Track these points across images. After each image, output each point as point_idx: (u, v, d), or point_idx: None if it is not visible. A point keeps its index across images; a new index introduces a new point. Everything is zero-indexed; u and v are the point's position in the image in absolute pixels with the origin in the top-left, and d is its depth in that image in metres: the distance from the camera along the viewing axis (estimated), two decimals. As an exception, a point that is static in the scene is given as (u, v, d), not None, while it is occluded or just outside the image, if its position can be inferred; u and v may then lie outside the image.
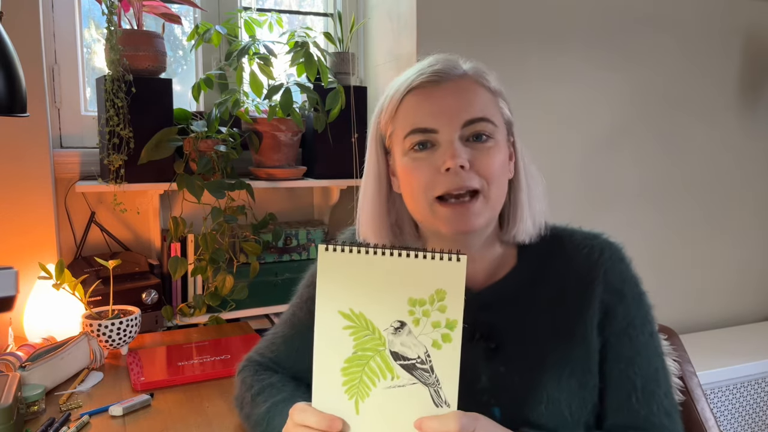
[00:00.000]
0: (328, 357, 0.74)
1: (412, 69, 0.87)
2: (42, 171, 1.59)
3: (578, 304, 0.88)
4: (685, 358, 1.15)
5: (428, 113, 0.83)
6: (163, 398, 1.23)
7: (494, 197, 0.84)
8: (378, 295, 0.73)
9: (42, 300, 1.52)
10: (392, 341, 0.73)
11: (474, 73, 0.87)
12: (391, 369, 0.73)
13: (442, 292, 0.72)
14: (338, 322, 0.74)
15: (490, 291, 0.91)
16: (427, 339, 0.72)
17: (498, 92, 0.88)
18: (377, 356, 0.73)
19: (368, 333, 0.73)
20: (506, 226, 0.91)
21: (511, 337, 0.88)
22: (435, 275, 0.72)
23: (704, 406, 1.11)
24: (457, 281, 0.71)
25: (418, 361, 0.72)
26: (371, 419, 0.73)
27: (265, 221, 1.83)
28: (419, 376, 0.72)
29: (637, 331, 0.88)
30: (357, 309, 0.73)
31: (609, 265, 0.89)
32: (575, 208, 2.09)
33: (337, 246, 0.74)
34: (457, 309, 0.72)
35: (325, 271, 0.74)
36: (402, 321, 0.73)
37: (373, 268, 0.73)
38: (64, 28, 1.71)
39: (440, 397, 0.72)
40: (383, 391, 0.73)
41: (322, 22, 2.11)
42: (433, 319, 0.72)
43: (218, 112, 1.69)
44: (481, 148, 0.83)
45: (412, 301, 0.72)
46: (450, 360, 0.72)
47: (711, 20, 2.25)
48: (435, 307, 0.72)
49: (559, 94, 2.05)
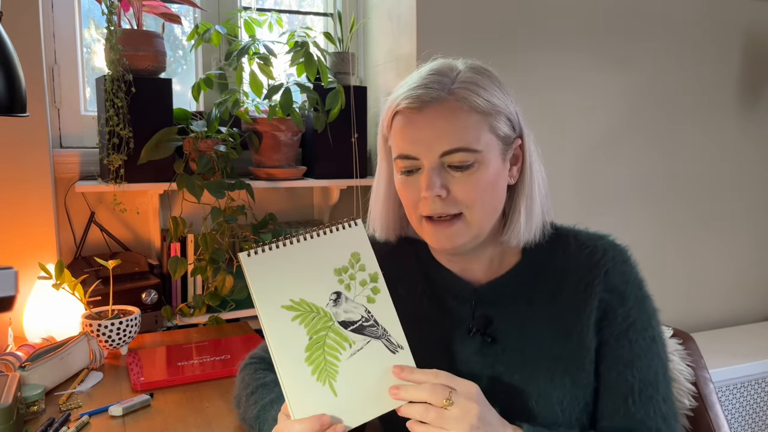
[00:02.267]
0: (288, 353, 0.77)
1: (407, 81, 0.87)
2: (42, 171, 1.59)
3: (576, 303, 0.88)
4: (701, 364, 1.12)
5: (410, 141, 0.84)
6: (163, 398, 1.23)
7: (477, 219, 0.85)
8: (308, 278, 0.79)
9: (42, 300, 1.52)
10: (336, 312, 0.79)
11: (459, 95, 0.82)
12: (345, 338, 0.79)
13: (357, 254, 0.82)
14: (285, 316, 0.77)
15: (489, 287, 0.92)
16: (362, 298, 0.81)
17: (487, 110, 0.83)
18: (330, 332, 0.79)
19: (315, 314, 0.78)
20: (504, 228, 0.91)
21: (508, 333, 0.89)
22: (345, 243, 0.82)
23: (718, 412, 1.08)
24: (363, 240, 0.83)
25: (363, 320, 0.80)
26: (349, 393, 0.78)
27: (265, 221, 1.83)
28: (369, 333, 0.80)
29: (637, 334, 0.88)
30: (296, 297, 0.78)
31: (611, 266, 0.89)
32: (572, 211, 2.10)
33: (257, 249, 0.78)
34: (372, 262, 0.82)
35: (255, 275, 0.77)
36: (337, 291, 0.80)
37: (293, 256, 0.79)
38: (64, 28, 1.71)
39: (392, 344, 0.80)
40: (347, 361, 0.78)
41: (322, 22, 2.11)
42: (359, 279, 0.81)
43: (218, 112, 1.69)
44: (461, 176, 0.83)
45: (336, 271, 0.81)
46: (386, 307, 0.81)
47: (710, 21, 2.25)
48: (356, 269, 0.82)
49: (557, 95, 2.05)
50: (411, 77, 0.88)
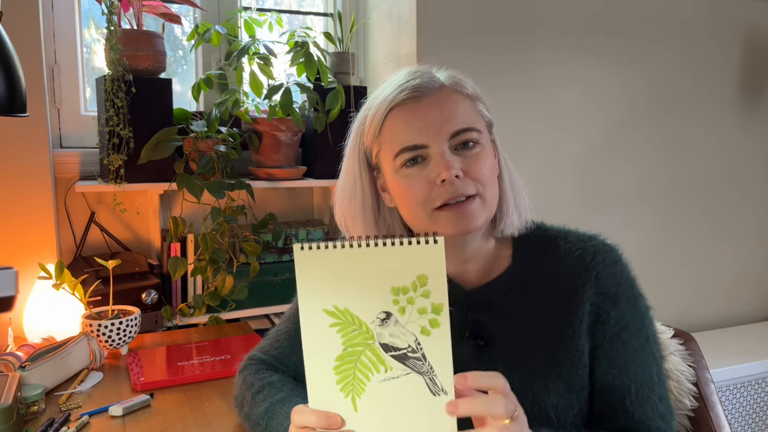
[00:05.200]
0: (318, 358, 0.73)
1: (390, 85, 0.88)
2: (42, 171, 1.59)
3: (568, 307, 0.88)
4: (702, 364, 1.11)
5: (415, 129, 0.84)
6: (163, 398, 1.23)
7: (490, 198, 0.86)
8: (360, 289, 0.72)
9: (42, 300, 1.52)
10: (380, 333, 0.72)
11: (451, 82, 0.88)
12: (383, 361, 0.72)
13: (424, 277, 0.71)
14: (324, 320, 0.72)
15: (481, 291, 0.92)
16: (415, 326, 0.71)
17: (475, 97, 0.89)
18: (368, 350, 0.72)
19: (355, 328, 0.72)
20: (496, 221, 0.92)
21: (501, 337, 0.89)
22: (414, 261, 0.71)
23: (719, 413, 1.07)
24: (437, 264, 0.70)
25: (408, 350, 0.71)
26: (370, 415, 0.73)
27: (265, 221, 1.83)
28: (412, 365, 0.71)
29: (631, 335, 0.87)
30: (341, 305, 0.72)
31: (602, 268, 0.89)
32: (573, 209, 2.09)
33: (312, 244, 0.72)
34: (441, 292, 0.71)
35: (304, 271, 0.72)
36: (387, 311, 0.72)
37: (351, 261, 0.72)
38: (64, 28, 1.71)
39: (436, 385, 0.71)
40: (378, 384, 0.72)
41: (322, 22, 2.11)
42: (418, 305, 0.71)
43: (218, 112, 1.69)
44: (470, 155, 0.85)
45: (395, 290, 0.71)
46: (441, 345, 0.71)
47: (710, 21, 2.25)
48: (419, 293, 0.71)
49: (557, 95, 2.05)
50: (389, 82, 0.89)
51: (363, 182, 0.92)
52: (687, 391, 1.08)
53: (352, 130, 0.93)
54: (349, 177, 0.93)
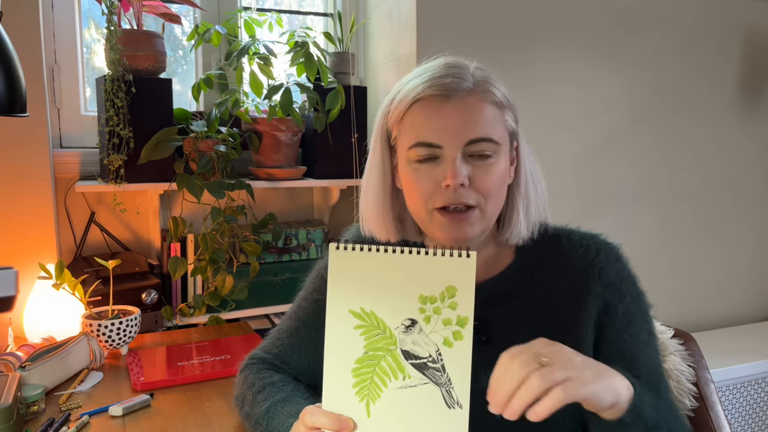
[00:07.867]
0: (338, 357, 0.73)
1: (424, 72, 0.87)
2: (42, 171, 1.59)
3: (571, 303, 0.89)
4: (702, 364, 1.11)
5: (434, 129, 0.84)
6: (163, 398, 1.23)
7: (490, 211, 0.86)
8: (388, 293, 0.72)
9: (42, 300, 1.52)
10: (403, 340, 0.72)
11: (482, 87, 0.86)
12: (402, 369, 0.72)
13: (453, 288, 0.71)
14: (349, 321, 0.73)
15: (484, 287, 0.92)
16: (439, 337, 0.72)
17: (503, 104, 0.87)
18: (388, 356, 0.72)
19: (379, 332, 0.73)
20: (502, 228, 0.92)
21: (503, 333, 0.89)
22: (445, 272, 0.72)
23: (719, 413, 1.07)
24: (468, 277, 0.71)
25: (429, 360, 0.72)
26: (382, 422, 0.73)
27: (265, 221, 1.83)
28: (431, 375, 0.72)
29: (637, 328, 0.88)
30: (368, 308, 0.73)
31: (605, 264, 0.90)
32: (573, 210, 2.10)
33: (348, 245, 0.73)
34: (468, 306, 0.71)
35: (336, 270, 0.73)
36: (413, 319, 0.72)
37: (383, 266, 0.73)
38: (64, 28, 1.71)
39: (452, 398, 0.71)
40: (394, 392, 0.72)
41: (322, 22, 2.11)
42: (444, 316, 0.72)
43: (218, 112, 1.69)
44: (482, 165, 0.84)
45: (422, 298, 0.72)
46: (462, 358, 0.71)
47: (710, 21, 2.25)
48: (446, 304, 0.72)
49: (557, 95, 2.05)
50: (424, 69, 0.88)
51: (383, 160, 0.92)
52: (687, 391, 1.08)
53: (384, 102, 0.92)
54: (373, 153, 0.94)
